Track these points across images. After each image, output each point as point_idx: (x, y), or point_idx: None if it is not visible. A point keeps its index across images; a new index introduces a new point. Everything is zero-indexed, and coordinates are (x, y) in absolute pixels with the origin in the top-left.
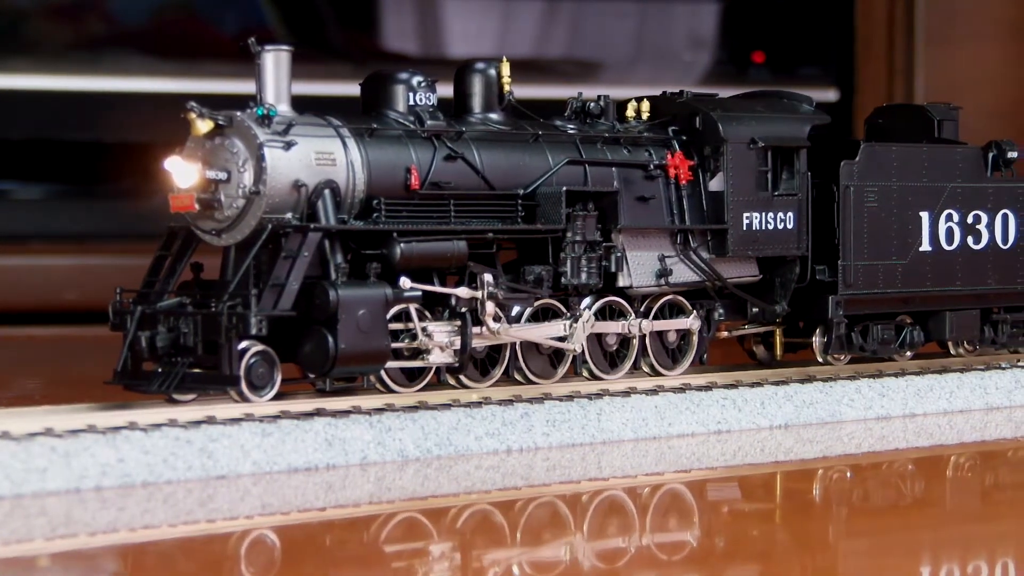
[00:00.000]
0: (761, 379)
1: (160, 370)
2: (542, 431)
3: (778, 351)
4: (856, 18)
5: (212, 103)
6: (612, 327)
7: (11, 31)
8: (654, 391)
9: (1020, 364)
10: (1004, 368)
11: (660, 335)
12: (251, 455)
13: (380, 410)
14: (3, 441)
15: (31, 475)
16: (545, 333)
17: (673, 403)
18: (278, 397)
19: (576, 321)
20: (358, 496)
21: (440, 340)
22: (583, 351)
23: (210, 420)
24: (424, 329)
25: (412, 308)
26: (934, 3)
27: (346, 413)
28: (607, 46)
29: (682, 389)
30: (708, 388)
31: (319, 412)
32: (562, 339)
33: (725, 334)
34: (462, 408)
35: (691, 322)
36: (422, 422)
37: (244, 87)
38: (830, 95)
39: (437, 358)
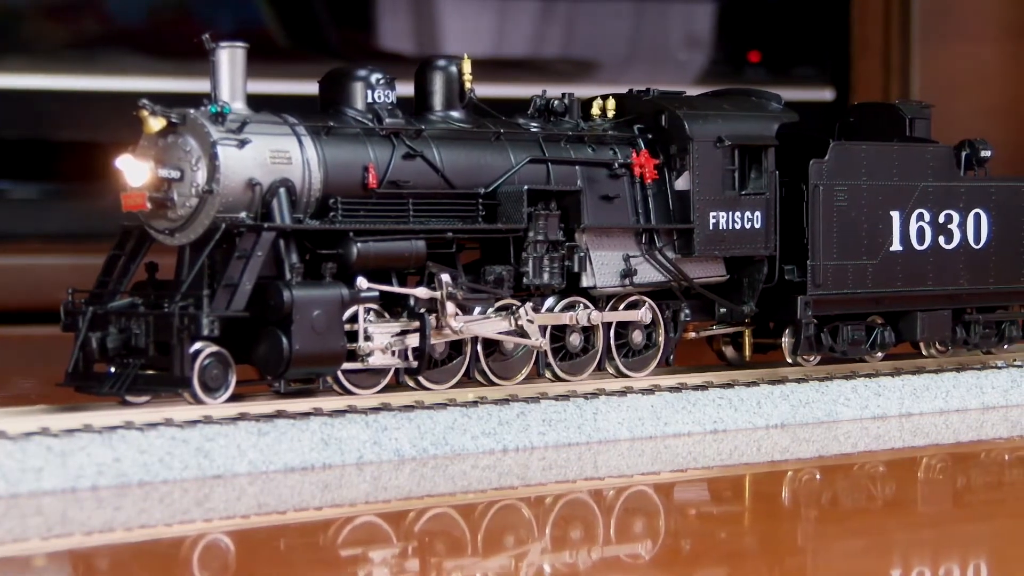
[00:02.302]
0: (757, 379)
1: (113, 371)
2: (538, 430)
3: (747, 352)
4: (852, 17)
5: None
6: (561, 319)
7: (7, 30)
8: (650, 391)
9: (1016, 363)
10: (1000, 367)
11: (625, 336)
12: (247, 454)
13: (376, 409)
14: None
15: (27, 474)
16: (494, 328)
17: (669, 402)
18: (233, 399)
19: (516, 311)
20: (354, 496)
21: (381, 342)
22: (547, 352)
23: (207, 420)
24: (365, 331)
25: (360, 309)
26: (929, 2)
27: (342, 412)
28: (603, 45)
29: (678, 389)
30: (704, 388)
31: (316, 412)
32: (523, 335)
33: (693, 335)
34: (458, 408)
35: (642, 313)
36: (418, 421)
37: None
38: (826, 94)
39: (379, 360)
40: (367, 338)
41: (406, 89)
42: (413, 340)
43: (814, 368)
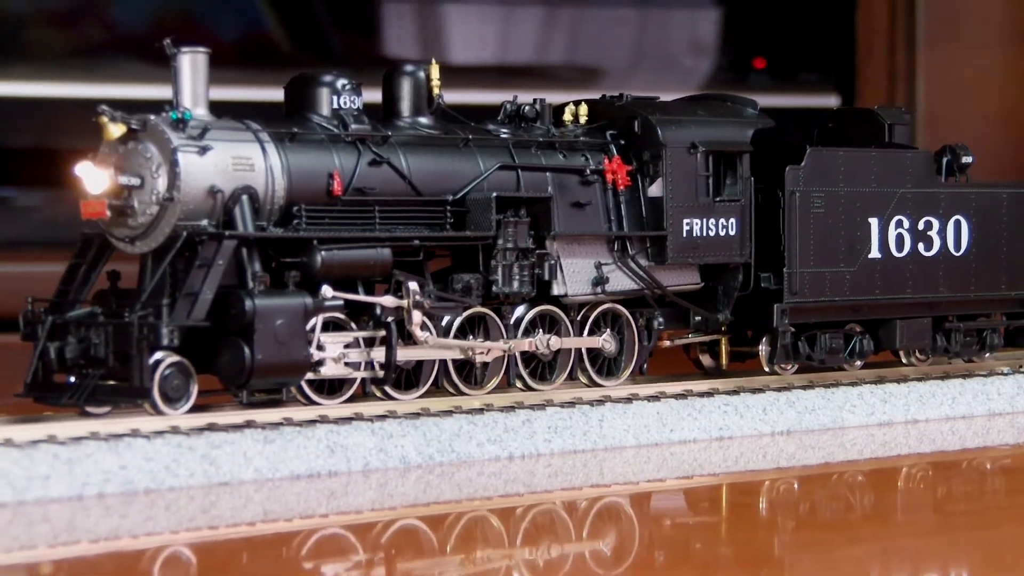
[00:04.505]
0: (763, 385)
1: (72, 381)
2: (544, 437)
3: (724, 360)
4: (857, 23)
5: (213, 109)
6: (521, 345)
7: (10, 37)
8: (656, 397)
9: (1023, 370)
10: (1006, 374)
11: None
12: (253, 462)
13: (382, 417)
14: (6, 448)
15: (34, 482)
16: (443, 354)
17: (675, 409)
18: (196, 409)
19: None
20: (360, 503)
21: (332, 352)
22: (517, 362)
23: (212, 427)
24: (318, 341)
25: (319, 319)
26: (934, 7)
27: (348, 420)
28: (607, 52)
29: (684, 395)
30: (710, 394)
31: (322, 419)
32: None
33: (668, 343)
34: (464, 415)
35: (603, 340)
36: (424, 429)
37: (244, 93)
38: (831, 100)
39: (330, 370)
40: (319, 348)
41: None
42: (378, 350)
43: (792, 376)
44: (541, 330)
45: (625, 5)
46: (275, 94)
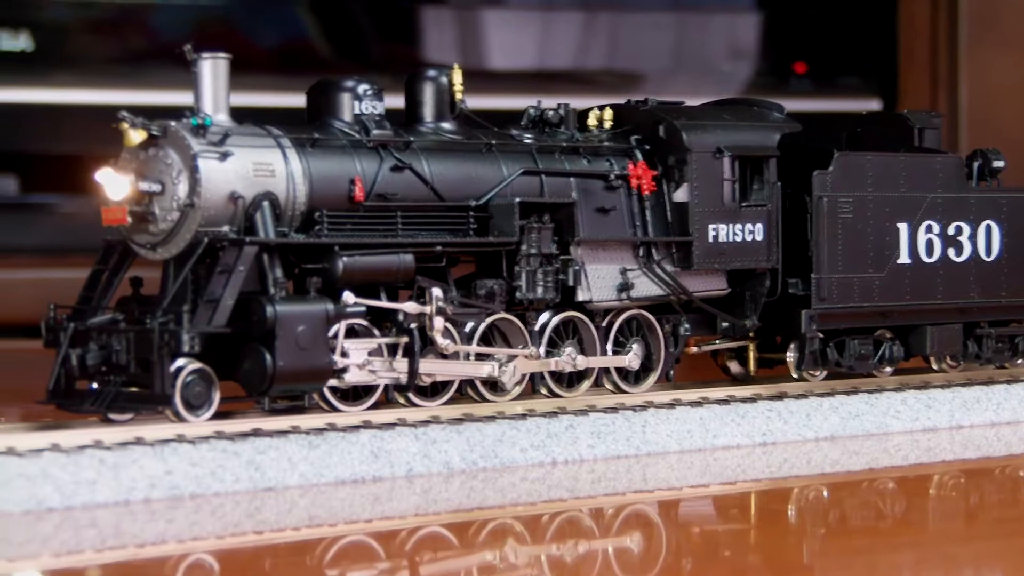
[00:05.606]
0: (806, 391)
1: (94, 388)
2: (587, 443)
3: (752, 367)
4: (898, 27)
5: (252, 116)
6: (548, 364)
7: (53, 46)
8: (699, 403)
9: None
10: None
11: (619, 350)
12: (298, 467)
13: (425, 422)
14: (53, 453)
15: (81, 487)
16: (466, 371)
17: (718, 415)
18: (218, 416)
19: (504, 364)
20: (404, 508)
21: (357, 359)
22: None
23: (257, 432)
24: (342, 348)
25: (342, 326)
26: (977, 11)
27: (392, 426)
28: (646, 57)
29: (727, 401)
30: (753, 400)
31: (366, 424)
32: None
33: (695, 350)
34: (507, 420)
35: (629, 360)
36: (467, 434)
37: (285, 100)
38: (873, 105)
39: (354, 377)
40: (343, 355)
41: None
42: (401, 356)
43: (819, 383)
44: (566, 341)
45: (664, 10)
46: None
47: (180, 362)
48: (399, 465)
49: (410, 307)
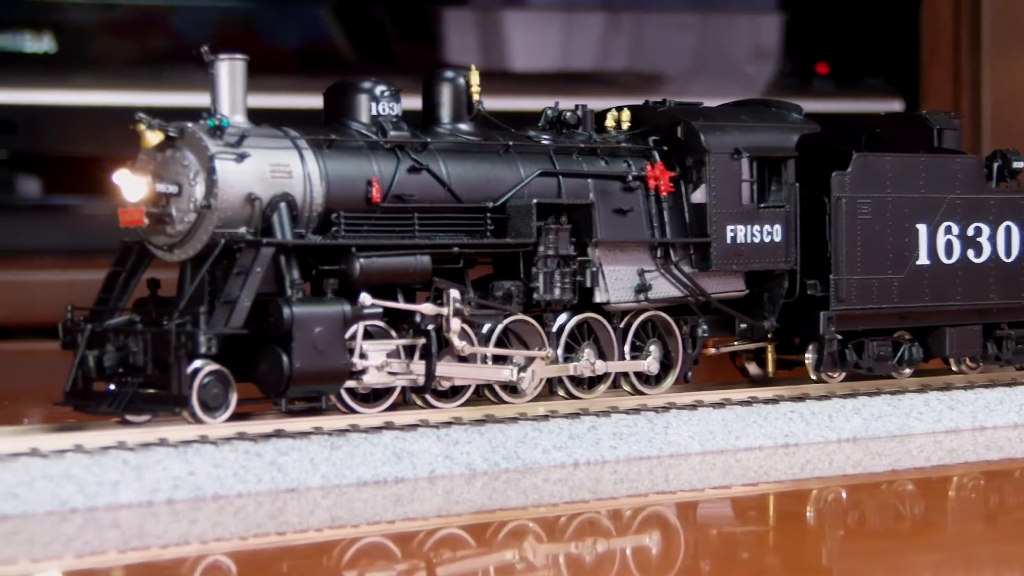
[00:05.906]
0: (828, 392)
1: (112, 389)
2: (609, 444)
3: (770, 368)
4: (921, 28)
5: (274, 118)
6: (567, 369)
7: (75, 47)
8: (721, 404)
9: None
10: None
11: (638, 353)
12: (320, 468)
13: (448, 424)
14: (77, 454)
15: (104, 488)
16: (484, 376)
17: (740, 416)
18: (235, 418)
19: (523, 369)
20: (426, 509)
21: (375, 361)
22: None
23: (280, 434)
24: (360, 349)
25: (360, 327)
26: (1000, 13)
27: (414, 427)
28: (669, 58)
29: (749, 402)
30: (775, 401)
31: (388, 426)
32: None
33: (713, 351)
34: (529, 421)
35: (648, 364)
36: (489, 435)
37: (306, 101)
38: (895, 106)
39: (373, 379)
40: (362, 356)
41: None
42: (418, 357)
43: (841, 385)
44: (583, 342)
45: (687, 11)
46: None
47: (197, 363)
48: (421, 466)
49: (427, 308)
